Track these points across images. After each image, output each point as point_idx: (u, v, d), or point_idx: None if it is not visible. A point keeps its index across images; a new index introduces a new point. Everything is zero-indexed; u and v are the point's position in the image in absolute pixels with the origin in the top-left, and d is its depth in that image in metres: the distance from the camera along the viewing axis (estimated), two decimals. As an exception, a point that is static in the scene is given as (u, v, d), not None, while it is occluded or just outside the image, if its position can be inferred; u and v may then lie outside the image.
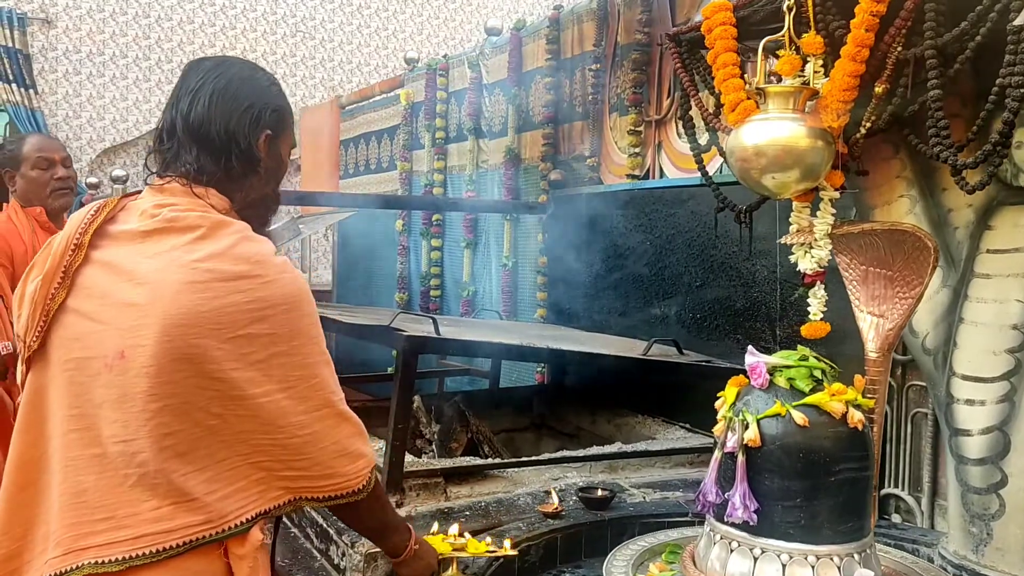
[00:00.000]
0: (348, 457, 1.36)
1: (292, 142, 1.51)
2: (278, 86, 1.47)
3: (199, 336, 1.25)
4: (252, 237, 1.33)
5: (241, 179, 1.39)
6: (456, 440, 2.65)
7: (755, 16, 1.69)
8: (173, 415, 1.26)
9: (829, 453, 1.47)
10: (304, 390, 1.31)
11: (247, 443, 1.29)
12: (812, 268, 1.61)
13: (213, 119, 1.37)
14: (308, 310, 1.33)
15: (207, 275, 1.27)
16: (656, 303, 3.15)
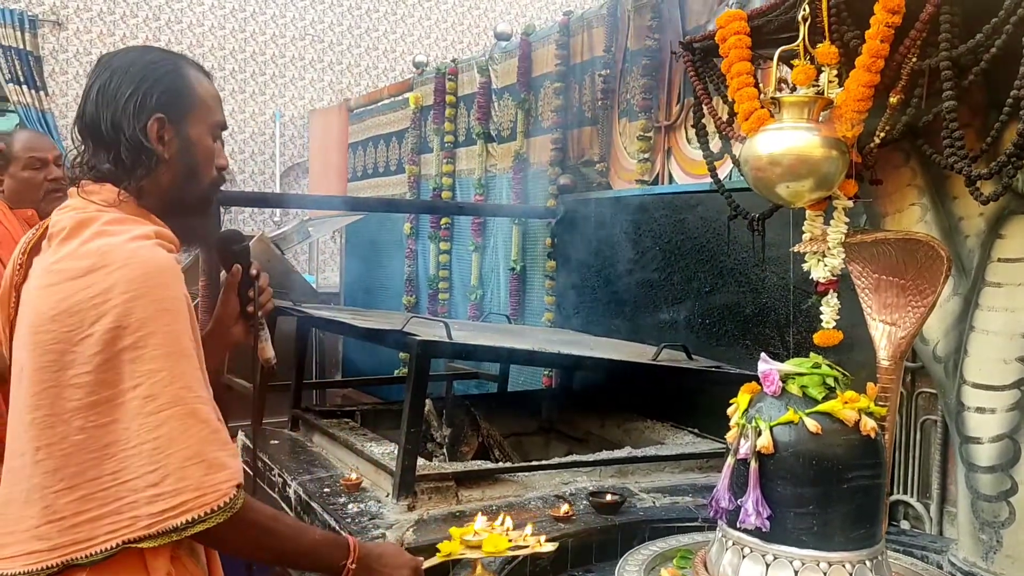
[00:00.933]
0: (203, 465, 1.20)
1: (213, 120, 1.40)
2: (172, 63, 1.38)
3: (54, 341, 1.19)
4: (108, 230, 1.24)
5: (134, 169, 1.31)
6: (467, 444, 2.67)
7: (770, 26, 1.70)
8: (42, 428, 1.20)
9: (842, 460, 1.48)
10: (151, 386, 1.18)
11: (115, 458, 1.19)
12: (825, 276, 1.62)
13: (101, 114, 1.32)
14: (159, 295, 1.21)
15: (58, 276, 1.22)
16: (665, 308, 3.16)
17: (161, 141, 1.33)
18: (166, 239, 1.31)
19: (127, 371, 1.18)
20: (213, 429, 1.23)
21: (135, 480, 1.18)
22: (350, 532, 1.98)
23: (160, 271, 1.23)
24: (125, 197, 1.31)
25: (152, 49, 1.41)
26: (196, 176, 1.38)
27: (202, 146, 1.38)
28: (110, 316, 1.18)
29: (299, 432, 2.91)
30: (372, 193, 6.10)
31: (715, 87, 1.92)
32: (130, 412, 1.18)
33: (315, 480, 2.39)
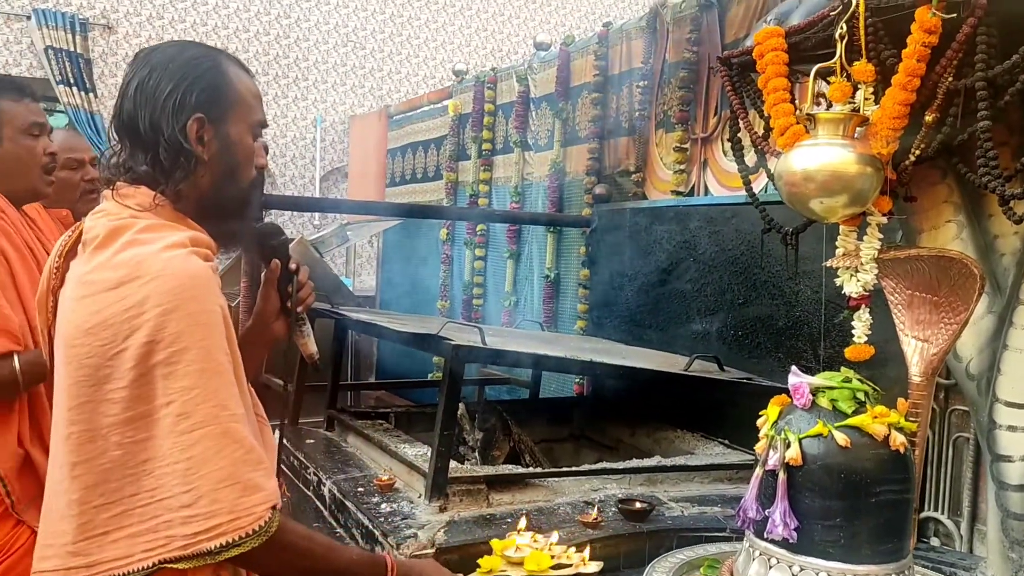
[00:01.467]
0: (238, 487, 1.17)
1: (253, 118, 1.36)
2: (212, 59, 1.33)
3: (89, 355, 1.17)
4: (142, 239, 1.20)
5: (172, 172, 1.27)
6: (498, 448, 2.70)
7: (807, 43, 1.72)
8: (79, 443, 1.17)
9: (870, 474, 1.49)
10: (184, 404, 1.15)
11: (152, 475, 1.16)
12: (857, 292, 1.63)
13: (139, 113, 1.27)
14: (192, 308, 1.17)
15: (91, 288, 1.19)
16: (698, 319, 3.17)
17: (200, 142, 1.29)
18: (202, 245, 1.28)
19: (160, 387, 1.15)
20: (247, 449, 1.19)
21: (170, 499, 1.16)
22: (383, 531, 2.03)
23: (194, 283, 1.18)
24: (161, 201, 1.27)
25: (192, 44, 1.37)
26: (236, 177, 1.34)
27: (242, 146, 1.34)
28: (143, 330, 1.15)
29: (334, 432, 2.97)
30: (409, 199, 6.18)
31: (751, 102, 1.94)
32: (164, 429, 1.16)
33: (349, 480, 2.44)
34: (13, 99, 1.98)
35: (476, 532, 2.01)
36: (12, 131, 1.96)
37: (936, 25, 1.44)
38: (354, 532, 2.20)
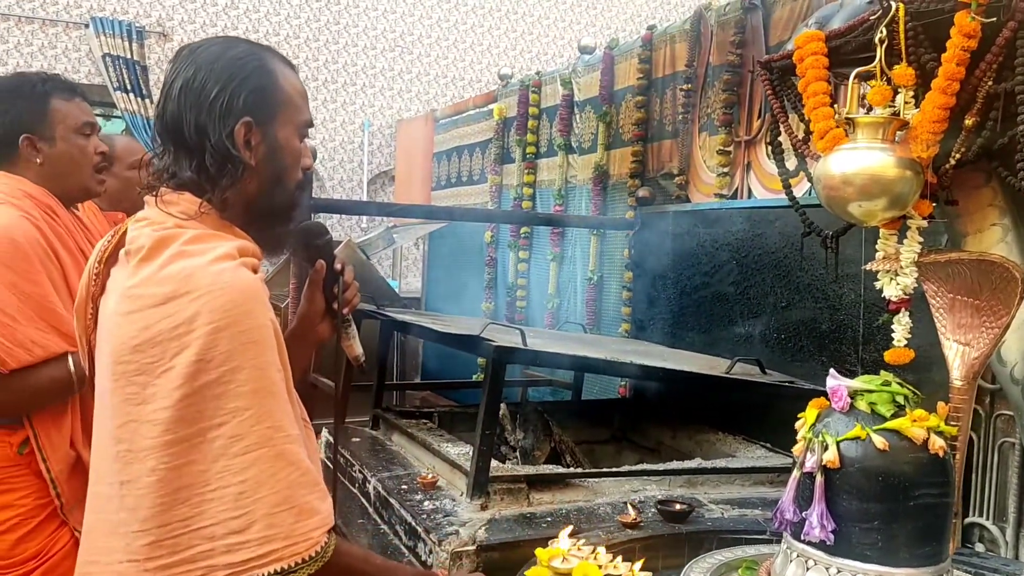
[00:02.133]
0: (294, 512, 1.13)
1: (300, 119, 1.32)
2: (259, 58, 1.28)
3: (137, 373, 1.13)
4: (189, 251, 1.16)
5: (219, 176, 1.23)
6: (539, 448, 2.73)
7: (847, 46, 1.72)
8: (125, 463, 1.14)
9: (908, 478, 1.49)
10: (237, 425, 1.11)
11: (187, 503, 1.11)
12: (897, 296, 1.63)
13: (184, 116, 1.23)
14: (245, 325, 1.13)
15: (138, 303, 1.14)
16: (740, 322, 3.17)
17: (248, 146, 1.25)
18: (250, 254, 1.24)
19: (210, 408, 1.11)
20: (303, 471, 1.16)
21: (212, 527, 1.11)
22: (425, 528, 2.07)
23: (245, 298, 1.14)
24: (206, 209, 1.23)
25: (237, 42, 1.31)
26: (283, 182, 1.30)
27: (290, 149, 1.30)
28: (193, 348, 1.10)
29: (379, 431, 3.03)
30: (455, 202, 6.24)
31: (792, 105, 1.94)
32: (212, 453, 1.11)
33: (393, 477, 2.49)
34: (65, 98, 1.99)
35: (517, 531, 2.05)
36: (65, 130, 1.98)
37: (975, 29, 1.44)
38: (397, 528, 2.25)
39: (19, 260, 1.79)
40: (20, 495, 1.81)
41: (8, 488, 1.81)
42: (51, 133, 1.96)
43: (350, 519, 2.45)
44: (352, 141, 7.95)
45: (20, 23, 6.97)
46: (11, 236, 1.80)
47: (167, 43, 7.30)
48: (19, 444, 1.81)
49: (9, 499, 1.81)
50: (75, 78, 7.04)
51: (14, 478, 1.82)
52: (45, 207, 1.92)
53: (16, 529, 1.80)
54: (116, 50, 7.00)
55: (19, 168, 1.95)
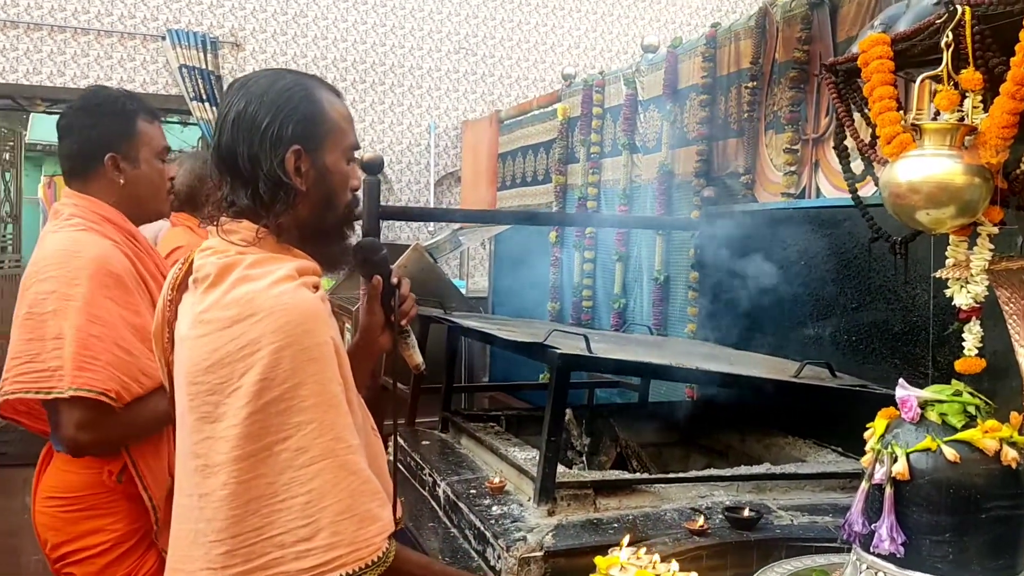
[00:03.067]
0: (356, 519, 1.20)
1: (346, 143, 1.38)
2: (305, 87, 1.34)
3: (209, 392, 1.21)
4: (251, 275, 1.23)
5: (273, 203, 1.30)
6: (605, 454, 2.75)
7: (913, 50, 1.70)
8: (203, 477, 1.22)
9: (980, 490, 1.47)
10: (301, 439, 1.18)
11: (258, 514, 1.19)
12: (968, 304, 1.60)
13: (237, 147, 1.30)
14: (305, 343, 1.20)
15: (207, 327, 1.22)
16: (809, 323, 3.13)
17: (298, 173, 1.31)
18: (308, 273, 1.31)
19: (275, 423, 1.18)
20: (364, 480, 1.23)
21: (282, 535, 1.18)
22: (494, 533, 2.11)
23: (304, 317, 1.21)
24: (263, 234, 1.31)
25: (284, 73, 1.38)
26: (333, 204, 1.37)
27: (338, 172, 1.37)
28: (258, 368, 1.17)
29: (448, 434, 3.08)
30: (520, 202, 6.28)
31: (858, 108, 1.92)
32: (279, 466, 1.18)
33: (462, 481, 2.53)
34: (149, 120, 2.01)
35: (583, 537, 2.07)
36: (149, 153, 2.00)
37: (1046, 33, 1.40)
38: (467, 532, 2.29)
39: (121, 292, 1.83)
40: (113, 520, 1.87)
41: (102, 513, 1.87)
42: (136, 154, 1.97)
43: (421, 522, 2.50)
44: (419, 143, 8.06)
45: (100, 37, 7.25)
46: (109, 268, 1.83)
47: (240, 52, 7.51)
48: (118, 472, 1.87)
49: (102, 524, 1.86)
50: (153, 89, 7.34)
51: (109, 504, 1.87)
52: (126, 232, 1.94)
53: (107, 553, 1.86)
54: (192, 61, 7.23)
55: (98, 185, 1.95)
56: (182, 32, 7.29)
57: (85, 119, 1.95)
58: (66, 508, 1.90)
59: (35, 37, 7.11)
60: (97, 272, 1.81)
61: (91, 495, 1.89)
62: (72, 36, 7.19)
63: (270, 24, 7.60)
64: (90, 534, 1.88)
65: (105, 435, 1.82)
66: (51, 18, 7.11)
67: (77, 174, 1.97)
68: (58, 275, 1.81)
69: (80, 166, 1.96)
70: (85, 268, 1.81)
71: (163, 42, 7.32)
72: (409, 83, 8.00)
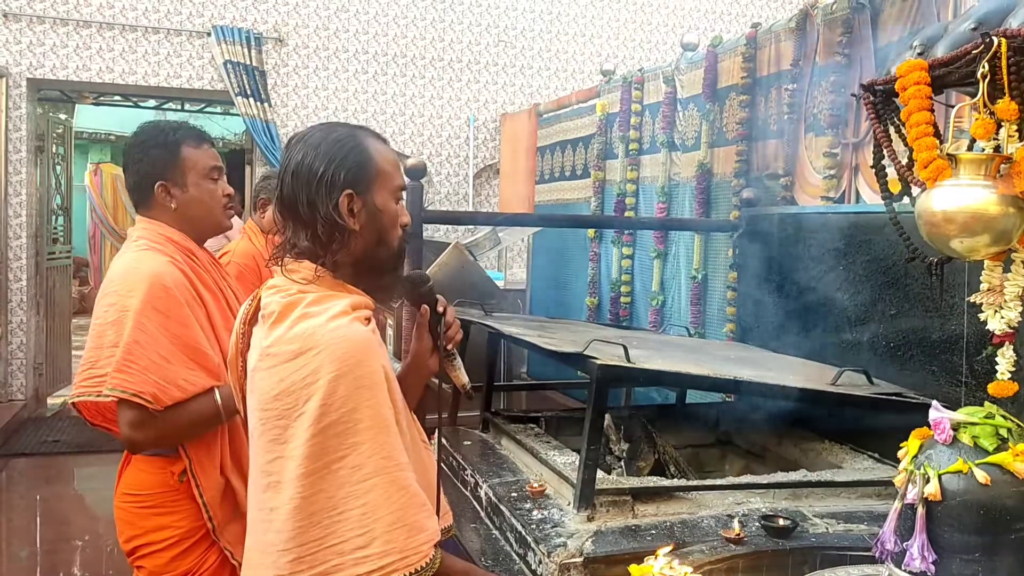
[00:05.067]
0: (405, 529, 1.33)
1: (393, 185, 1.51)
2: (355, 137, 1.47)
3: (278, 418, 1.34)
4: (310, 312, 1.37)
5: (329, 243, 1.43)
6: (643, 459, 2.80)
7: (951, 76, 1.72)
8: (274, 492, 1.35)
9: (1011, 511, 1.51)
10: (356, 458, 1.31)
11: (319, 525, 1.32)
12: (1002, 329, 1.64)
13: (297, 195, 1.43)
14: (358, 372, 1.33)
15: (274, 360, 1.36)
16: (847, 328, 3.15)
17: (352, 214, 1.44)
18: (361, 307, 1.44)
19: (333, 444, 1.31)
20: (412, 494, 1.36)
21: (341, 544, 1.31)
22: (535, 538, 2.18)
23: (357, 349, 1.35)
24: (321, 272, 1.44)
25: (336, 126, 1.52)
26: (384, 241, 1.50)
27: (387, 212, 1.49)
28: (318, 396, 1.31)
29: (489, 434, 3.16)
30: (558, 196, 6.33)
31: (896, 129, 1.94)
32: (337, 482, 1.31)
33: (504, 484, 2.61)
34: (194, 145, 2.14)
35: (622, 543, 2.13)
36: (196, 176, 2.13)
37: (1081, 68, 1.43)
38: (508, 536, 2.37)
39: (170, 304, 1.98)
40: (178, 517, 2.03)
41: (167, 511, 2.02)
42: (183, 180, 2.12)
43: (462, 523, 2.58)
44: (458, 136, 8.13)
45: (147, 33, 7.40)
46: (163, 282, 1.98)
47: (283, 48, 7.62)
48: (179, 473, 2.02)
49: (168, 521, 2.02)
50: (199, 85, 7.49)
51: (173, 502, 2.03)
52: (186, 250, 2.10)
53: (172, 548, 2.02)
54: (236, 56, 7.36)
55: (156, 212, 2.13)
56: (227, 28, 7.41)
57: (136, 154, 2.13)
58: (138, 504, 2.06)
59: (84, 34, 7.29)
60: (151, 286, 1.97)
61: (159, 493, 2.05)
62: (120, 33, 7.35)
63: (312, 19, 7.70)
64: (158, 529, 2.04)
65: (152, 434, 1.98)
66: (100, 15, 7.28)
67: (139, 204, 2.15)
68: (118, 289, 2.00)
69: (139, 197, 2.15)
70: (141, 282, 1.98)
71: (208, 38, 7.46)
72: (449, 76, 8.06)
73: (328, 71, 7.73)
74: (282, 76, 7.64)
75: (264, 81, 7.46)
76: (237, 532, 2.06)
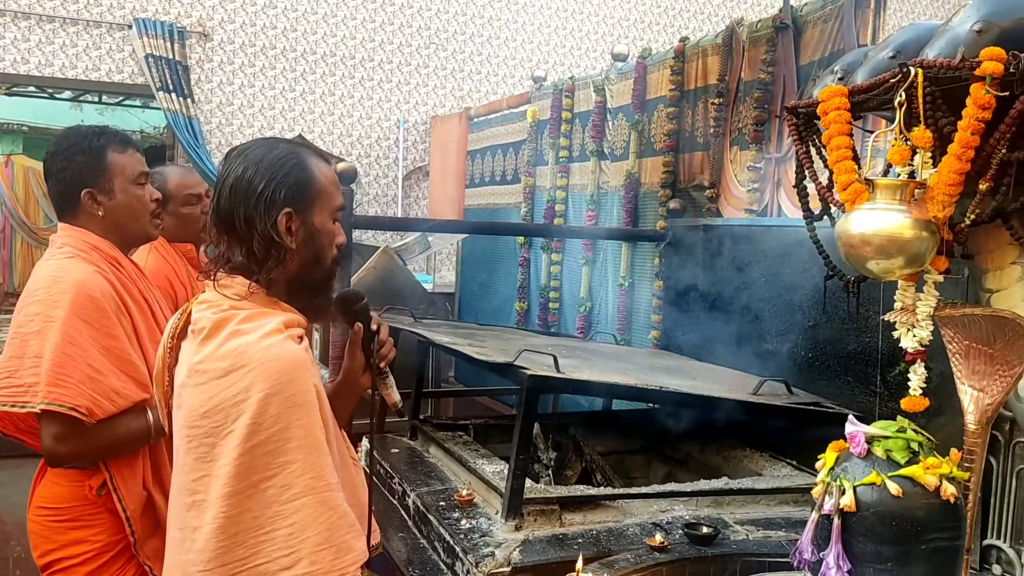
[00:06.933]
0: (333, 550, 1.32)
1: (333, 205, 1.49)
2: (297, 156, 1.45)
3: (205, 435, 1.32)
4: (242, 329, 1.35)
5: (264, 260, 1.41)
6: (571, 468, 2.84)
7: (870, 103, 1.80)
8: (198, 511, 1.33)
9: (921, 523, 1.58)
10: (285, 477, 1.30)
11: (244, 545, 1.30)
12: (913, 347, 1.71)
13: (235, 209, 1.41)
14: (290, 391, 1.31)
15: (203, 377, 1.34)
16: (769, 339, 3.24)
17: (289, 232, 1.42)
18: (294, 325, 1.43)
19: (262, 463, 1.30)
20: (340, 515, 1.35)
21: (266, 564, 1.30)
22: (463, 548, 2.19)
23: (290, 367, 1.33)
24: (255, 289, 1.42)
25: (277, 142, 1.50)
26: (320, 260, 1.48)
27: (325, 232, 1.48)
28: (248, 414, 1.29)
29: (417, 442, 3.15)
30: (488, 200, 6.34)
31: (816, 149, 2.01)
32: (264, 501, 1.30)
33: (432, 493, 2.61)
34: (119, 151, 2.09)
35: (550, 552, 2.16)
36: (122, 182, 2.08)
37: (990, 101, 1.51)
38: (436, 545, 2.37)
39: (98, 315, 1.92)
40: (95, 531, 1.97)
41: (84, 525, 1.97)
42: (110, 186, 2.07)
43: (389, 532, 2.57)
44: (388, 138, 8.07)
45: (65, 24, 7.15)
46: (89, 293, 1.92)
47: (207, 43, 7.45)
48: (98, 487, 1.96)
49: (84, 535, 1.97)
50: (118, 78, 7.26)
51: (90, 516, 1.97)
52: (111, 259, 2.05)
53: (89, 563, 1.96)
54: (158, 50, 7.16)
55: (81, 220, 2.07)
56: (149, 21, 7.21)
57: (59, 162, 2.07)
58: (53, 518, 2.00)
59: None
60: (77, 296, 1.91)
61: (75, 507, 1.99)
62: (36, 23, 7.08)
63: (238, 15, 7.55)
64: (74, 544, 1.98)
65: (80, 447, 1.93)
66: (15, 3, 7.00)
67: (63, 212, 2.09)
68: (43, 298, 1.94)
69: (63, 205, 2.09)
70: (67, 292, 1.92)
71: (129, 31, 7.24)
72: (379, 77, 8.00)
73: (254, 68, 7.59)
74: (206, 72, 7.46)
75: (187, 76, 7.28)
76: (157, 547, 2.02)
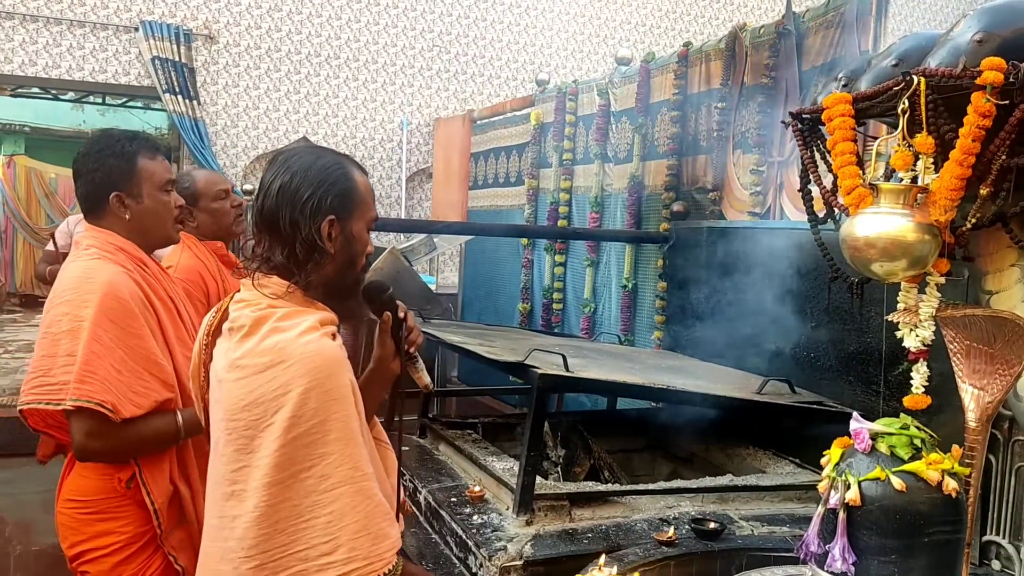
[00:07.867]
0: (370, 537, 1.38)
1: (370, 215, 1.56)
2: (342, 166, 1.52)
3: (245, 428, 1.38)
4: (281, 326, 1.40)
5: (305, 262, 1.46)
6: (579, 465, 2.89)
7: (873, 110, 1.85)
8: (238, 501, 1.39)
9: (924, 516, 1.63)
10: (324, 468, 1.35)
11: (284, 532, 1.36)
12: (916, 347, 1.76)
13: (280, 211, 1.46)
14: (328, 385, 1.37)
15: (244, 371, 1.39)
16: (772, 339, 3.29)
17: (330, 238, 1.49)
18: (329, 323, 1.48)
19: (301, 455, 1.36)
20: (377, 503, 1.41)
21: (307, 550, 1.36)
22: (476, 543, 2.24)
23: (327, 363, 1.39)
24: (292, 289, 1.48)
25: (324, 151, 1.57)
26: (355, 265, 1.56)
27: (360, 239, 1.55)
28: (288, 407, 1.35)
29: (427, 440, 3.20)
30: (492, 202, 6.39)
31: (820, 154, 2.07)
32: (304, 490, 1.36)
33: (443, 489, 2.66)
34: (149, 157, 2.14)
35: (560, 546, 2.21)
36: (151, 188, 2.13)
37: (990, 110, 1.56)
38: (448, 540, 2.42)
39: (125, 315, 1.97)
40: (122, 523, 2.02)
41: (112, 517, 2.01)
42: (138, 191, 2.11)
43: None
44: (391, 139, 8.13)
45: (72, 27, 7.20)
46: (117, 293, 1.97)
47: (213, 45, 7.50)
48: (126, 479, 2.01)
49: (112, 526, 2.01)
50: (125, 80, 7.32)
51: (119, 508, 2.02)
52: (137, 260, 2.09)
53: (117, 553, 2.01)
54: (165, 53, 7.22)
55: (107, 222, 2.11)
56: (156, 24, 7.26)
57: (91, 163, 2.10)
58: (81, 510, 2.04)
59: (7, 26, 7.05)
60: (105, 296, 1.96)
61: (103, 499, 2.04)
62: (44, 25, 7.13)
63: (244, 17, 7.60)
64: (102, 535, 2.03)
65: (110, 445, 1.98)
66: (23, 7, 7.05)
67: (91, 212, 2.13)
68: (72, 299, 1.97)
69: (91, 206, 2.13)
70: (95, 292, 1.96)
71: (136, 33, 7.29)
72: (383, 79, 8.05)
73: (260, 70, 7.64)
74: (212, 74, 7.51)
75: (193, 78, 7.33)
76: (182, 538, 2.07)
